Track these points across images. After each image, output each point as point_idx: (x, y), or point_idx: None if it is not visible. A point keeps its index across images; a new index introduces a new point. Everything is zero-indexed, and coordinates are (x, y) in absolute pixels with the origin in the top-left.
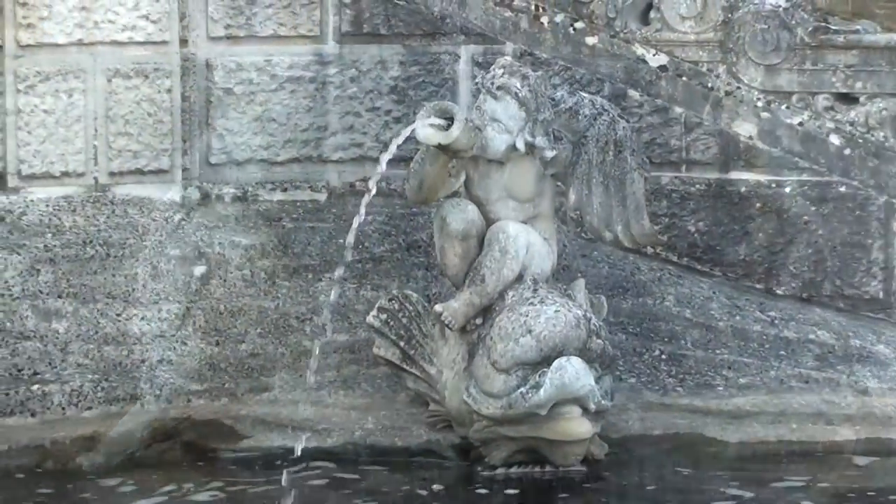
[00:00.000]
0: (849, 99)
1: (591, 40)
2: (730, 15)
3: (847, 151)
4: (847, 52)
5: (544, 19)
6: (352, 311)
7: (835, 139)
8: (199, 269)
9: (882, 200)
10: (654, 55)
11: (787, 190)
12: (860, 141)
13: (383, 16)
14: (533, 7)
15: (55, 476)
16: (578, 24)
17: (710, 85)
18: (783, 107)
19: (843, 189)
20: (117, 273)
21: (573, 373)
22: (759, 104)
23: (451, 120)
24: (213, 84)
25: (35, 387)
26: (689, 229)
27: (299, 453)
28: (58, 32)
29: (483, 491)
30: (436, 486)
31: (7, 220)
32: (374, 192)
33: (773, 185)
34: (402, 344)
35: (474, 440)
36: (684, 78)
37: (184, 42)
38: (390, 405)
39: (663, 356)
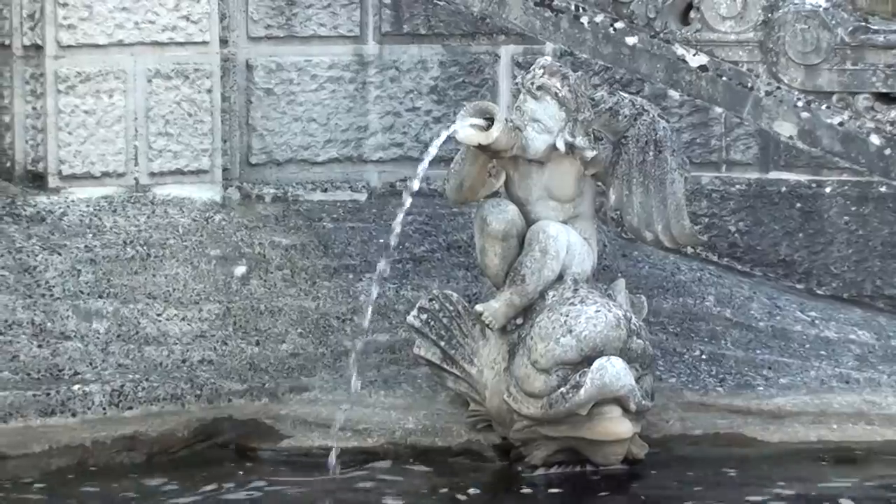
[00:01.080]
0: (889, 99)
1: (631, 40)
2: (770, 15)
3: (887, 151)
4: (887, 52)
5: (584, 19)
6: (392, 310)
7: (875, 139)
8: (240, 269)
9: None
10: (694, 55)
11: (828, 190)
12: None
13: (423, 16)
14: (573, 7)
15: (96, 476)
16: (618, 25)
17: (750, 85)
18: (823, 107)
19: (883, 189)
20: (158, 273)
21: (614, 373)
22: (800, 104)
23: (491, 120)
24: (253, 84)
25: (76, 387)
26: (730, 229)
27: (336, 454)
28: (98, 33)
29: (526, 490)
30: (472, 491)
31: (48, 221)
32: (409, 200)
33: (814, 185)
34: (442, 344)
35: (515, 440)
36: (724, 78)
37: (224, 42)
38: (431, 405)
39: (703, 356)
